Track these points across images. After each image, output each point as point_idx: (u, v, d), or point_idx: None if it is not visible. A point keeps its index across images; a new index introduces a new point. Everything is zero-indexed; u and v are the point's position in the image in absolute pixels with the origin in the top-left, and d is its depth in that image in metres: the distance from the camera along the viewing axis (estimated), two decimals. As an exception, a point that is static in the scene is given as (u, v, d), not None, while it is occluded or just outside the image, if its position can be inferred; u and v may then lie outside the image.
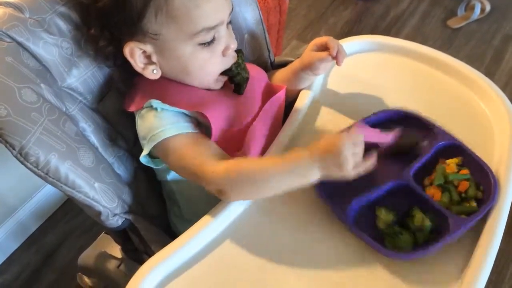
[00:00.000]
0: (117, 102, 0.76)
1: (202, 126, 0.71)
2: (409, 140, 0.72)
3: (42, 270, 1.40)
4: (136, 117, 0.71)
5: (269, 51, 0.94)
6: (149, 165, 0.72)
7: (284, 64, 0.87)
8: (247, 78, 0.74)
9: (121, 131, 0.78)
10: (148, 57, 0.68)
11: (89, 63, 0.71)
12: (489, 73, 1.76)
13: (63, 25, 0.67)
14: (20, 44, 0.63)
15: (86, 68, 0.71)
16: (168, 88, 0.70)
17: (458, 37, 2.06)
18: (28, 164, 0.61)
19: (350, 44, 0.92)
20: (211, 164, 0.64)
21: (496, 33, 2.06)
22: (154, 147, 0.67)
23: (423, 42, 0.92)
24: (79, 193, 0.66)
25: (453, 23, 2.10)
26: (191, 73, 0.69)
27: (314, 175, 0.61)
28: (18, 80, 0.61)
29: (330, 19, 2.21)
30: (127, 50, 0.66)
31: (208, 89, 0.73)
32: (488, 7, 2.12)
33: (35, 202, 1.46)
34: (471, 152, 0.70)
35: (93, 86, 0.73)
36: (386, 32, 2.07)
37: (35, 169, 0.62)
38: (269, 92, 0.80)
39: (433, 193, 0.68)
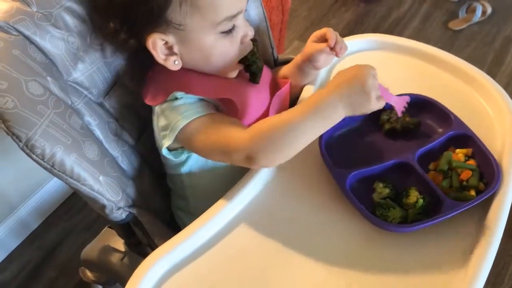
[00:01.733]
0: (123, 97, 0.77)
1: (220, 111, 0.72)
2: (412, 120, 0.75)
3: (43, 267, 1.41)
4: (157, 110, 0.72)
5: (272, 48, 0.94)
6: (169, 157, 0.72)
7: (287, 62, 0.88)
8: (262, 67, 0.75)
9: (125, 125, 0.78)
10: (169, 48, 0.68)
11: (95, 58, 0.72)
12: (490, 75, 1.75)
13: (69, 19, 0.68)
14: (27, 37, 0.64)
15: (92, 62, 0.71)
16: (189, 78, 0.71)
17: (459, 39, 2.07)
18: (34, 156, 0.62)
19: (353, 42, 0.93)
20: (235, 133, 0.65)
21: (497, 36, 2.07)
22: (177, 135, 0.68)
23: (425, 43, 0.93)
24: (84, 186, 0.66)
25: (455, 25, 2.11)
26: (211, 61, 0.70)
27: (338, 115, 0.61)
28: (25, 73, 0.61)
29: (332, 20, 2.22)
30: (150, 42, 0.66)
31: (226, 77, 0.74)
32: (489, 10, 2.13)
33: (36, 200, 1.46)
34: (481, 144, 0.71)
35: (98, 80, 0.73)
36: (388, 33, 2.07)
37: (41, 161, 0.62)
38: (274, 87, 0.81)
39: (435, 177, 0.69)
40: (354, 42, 0.93)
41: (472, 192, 0.67)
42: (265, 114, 0.75)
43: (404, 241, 0.65)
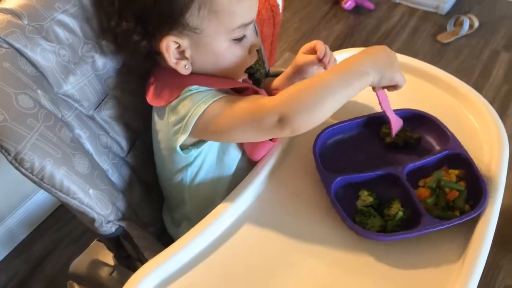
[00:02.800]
0: (113, 109, 0.77)
1: None
2: (413, 135, 0.77)
3: (30, 279, 1.39)
4: (167, 108, 0.70)
5: (264, 62, 0.95)
6: (180, 153, 0.71)
7: (278, 74, 0.88)
8: (265, 74, 0.76)
9: (116, 138, 0.78)
10: (181, 52, 0.69)
11: (86, 70, 0.72)
12: (478, 88, 1.78)
13: (61, 32, 0.68)
14: (17, 50, 0.63)
15: (83, 75, 0.71)
16: (200, 77, 0.71)
17: (447, 52, 2.10)
18: (23, 170, 0.61)
19: (343, 56, 0.93)
20: (263, 99, 0.65)
21: (484, 49, 2.11)
22: (196, 123, 0.66)
23: (414, 56, 0.95)
24: (74, 199, 0.66)
25: (443, 38, 2.15)
26: (222, 68, 0.71)
27: (368, 78, 0.63)
28: (15, 86, 0.61)
29: (323, 32, 2.24)
30: (164, 44, 0.67)
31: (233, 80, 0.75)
32: (476, 23, 2.17)
33: (24, 211, 1.44)
34: (475, 167, 0.71)
35: (89, 93, 0.73)
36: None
37: (30, 175, 0.62)
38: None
39: (422, 193, 0.70)
40: (344, 56, 0.93)
41: (457, 213, 0.68)
42: None
43: (388, 249, 0.66)
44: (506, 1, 2.35)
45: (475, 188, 0.69)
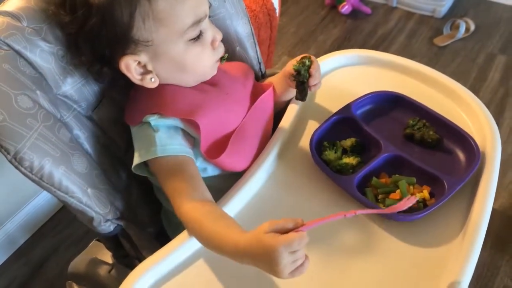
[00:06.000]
0: (111, 110, 0.78)
1: (192, 137, 0.72)
2: (433, 136, 0.79)
3: (30, 283, 1.39)
4: (132, 130, 0.73)
5: (260, 64, 0.96)
6: (143, 175, 0.73)
7: (274, 75, 0.89)
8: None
9: (114, 138, 0.79)
10: (143, 66, 0.69)
11: (84, 71, 0.72)
12: (474, 90, 1.79)
13: (59, 33, 0.68)
14: (17, 52, 0.65)
15: (81, 76, 0.72)
16: (164, 95, 0.71)
17: (444, 55, 2.11)
18: (22, 169, 0.62)
19: (339, 58, 0.95)
20: (183, 202, 0.65)
21: (480, 52, 2.12)
22: (147, 161, 0.69)
23: (410, 59, 0.95)
24: (72, 198, 0.67)
25: (439, 41, 2.16)
26: (187, 70, 0.71)
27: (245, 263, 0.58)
28: (15, 87, 0.62)
29: (320, 36, 2.26)
30: (123, 65, 0.67)
31: (201, 90, 0.74)
32: (472, 27, 2.19)
33: (23, 215, 1.45)
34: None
35: (87, 94, 0.74)
36: (374, 49, 2.10)
37: (29, 174, 0.63)
38: (256, 92, 0.83)
39: (374, 184, 0.73)
40: (340, 57, 0.95)
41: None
42: (241, 121, 0.76)
43: (389, 228, 0.69)
44: (501, 5, 2.37)
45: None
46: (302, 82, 0.75)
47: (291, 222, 0.55)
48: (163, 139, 0.68)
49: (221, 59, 0.75)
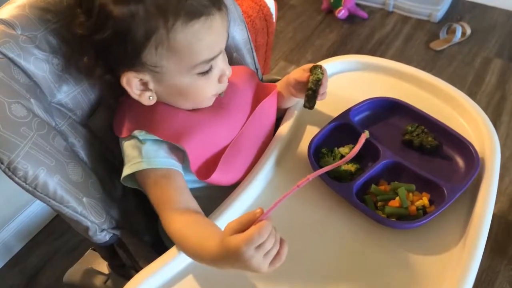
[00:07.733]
0: (107, 118, 0.77)
1: (181, 150, 0.70)
2: (432, 142, 0.78)
3: (25, 292, 1.37)
4: (120, 140, 0.72)
5: (257, 70, 0.96)
6: (133, 186, 0.72)
7: (271, 82, 0.89)
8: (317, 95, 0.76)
9: (110, 146, 0.78)
10: (144, 84, 0.68)
11: (79, 79, 0.72)
12: (471, 94, 1.80)
13: (54, 41, 0.68)
14: (11, 60, 0.64)
15: (76, 84, 0.71)
16: (154, 114, 0.70)
17: (440, 59, 2.11)
18: (16, 179, 0.61)
19: (336, 63, 0.95)
20: (167, 214, 0.65)
21: (477, 56, 2.12)
22: (134, 173, 0.68)
23: (407, 63, 0.95)
24: (67, 208, 0.66)
25: (436, 45, 2.17)
26: (188, 97, 0.70)
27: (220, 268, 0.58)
28: (9, 95, 0.61)
29: (317, 41, 2.26)
30: (124, 79, 0.66)
31: (195, 110, 0.73)
32: (468, 31, 2.19)
33: (18, 223, 1.43)
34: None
35: (82, 102, 0.73)
36: (371, 54, 2.12)
37: (23, 184, 0.62)
38: (259, 95, 0.82)
39: (373, 191, 0.72)
40: (338, 63, 0.95)
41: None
42: (237, 137, 0.75)
43: (390, 237, 0.68)
44: (497, 9, 2.38)
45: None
46: (314, 91, 0.76)
47: (248, 217, 0.53)
48: (149, 152, 0.68)
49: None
